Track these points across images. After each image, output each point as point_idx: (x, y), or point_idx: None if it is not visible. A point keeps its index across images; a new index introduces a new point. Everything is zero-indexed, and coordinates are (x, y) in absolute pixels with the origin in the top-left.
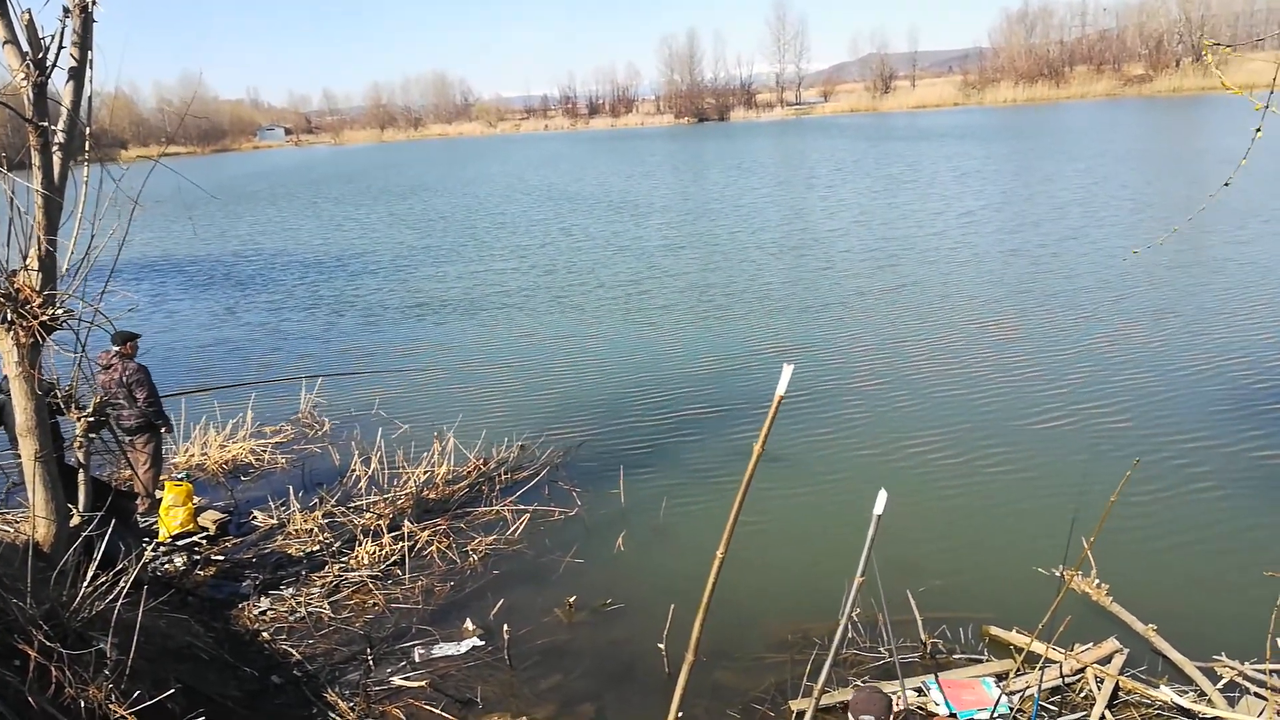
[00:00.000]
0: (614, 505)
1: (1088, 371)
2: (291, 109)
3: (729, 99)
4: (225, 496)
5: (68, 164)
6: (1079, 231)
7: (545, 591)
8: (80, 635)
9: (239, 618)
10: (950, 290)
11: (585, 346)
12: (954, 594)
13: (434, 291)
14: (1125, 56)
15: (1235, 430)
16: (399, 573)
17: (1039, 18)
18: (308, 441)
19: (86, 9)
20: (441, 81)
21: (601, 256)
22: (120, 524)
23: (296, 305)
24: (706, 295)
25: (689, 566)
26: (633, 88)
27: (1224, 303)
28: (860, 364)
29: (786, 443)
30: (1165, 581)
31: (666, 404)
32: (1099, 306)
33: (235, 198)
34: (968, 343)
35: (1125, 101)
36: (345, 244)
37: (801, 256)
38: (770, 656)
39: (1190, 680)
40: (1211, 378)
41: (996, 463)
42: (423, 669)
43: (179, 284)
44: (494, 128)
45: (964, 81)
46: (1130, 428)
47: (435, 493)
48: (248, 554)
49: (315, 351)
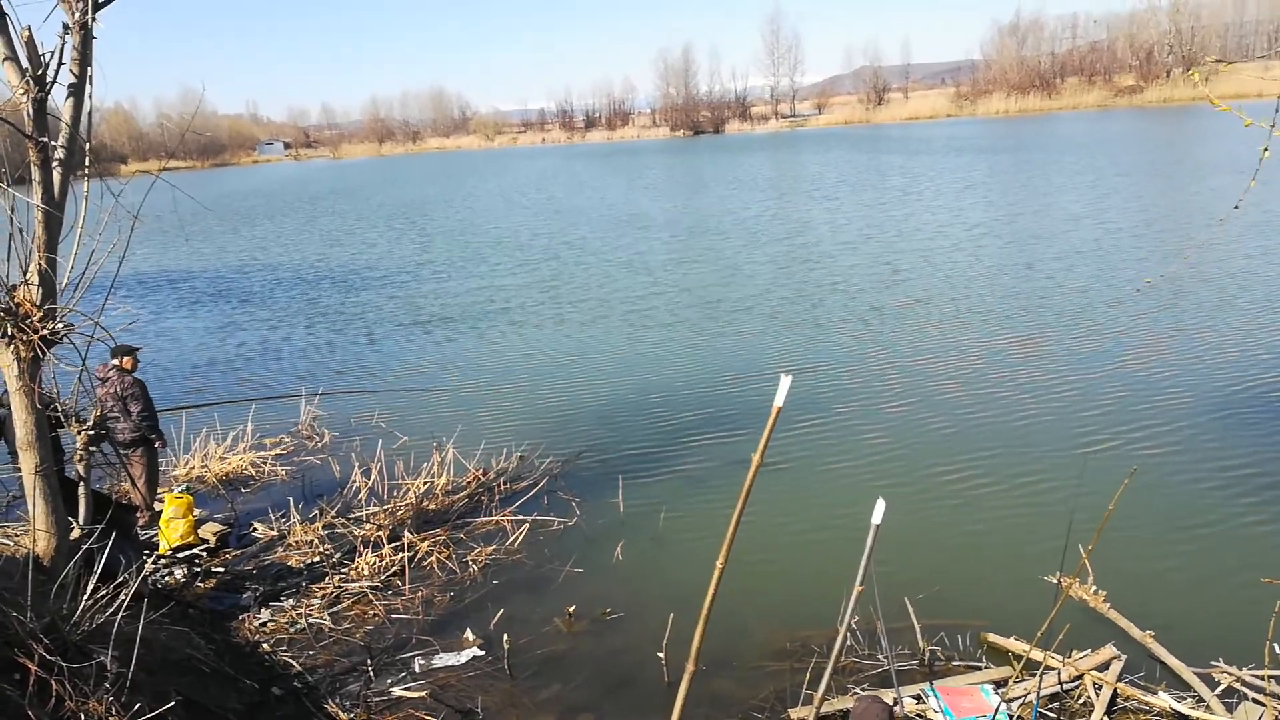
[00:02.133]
0: (613, 515)
1: (1084, 381)
2: (290, 123)
3: (724, 112)
4: (225, 509)
5: (68, 179)
6: (1082, 246)
7: (545, 601)
8: (80, 648)
9: (239, 630)
10: (947, 302)
11: (584, 357)
12: (952, 602)
13: (433, 305)
14: (1116, 68)
15: (1231, 438)
16: (399, 583)
17: (1030, 30)
18: (308, 453)
19: (86, 26)
20: (439, 96)
21: (600, 269)
22: (120, 537)
23: (296, 319)
24: (705, 306)
25: (688, 575)
26: (629, 101)
27: (1219, 312)
28: (858, 375)
29: (785, 453)
30: (1163, 588)
31: (665, 414)
32: (1095, 317)
33: (234, 213)
34: (964, 353)
35: (1117, 112)
36: (344, 259)
37: (799, 269)
38: (770, 665)
39: (1188, 686)
40: (1207, 386)
41: (994, 471)
42: (423, 679)
43: (179, 298)
44: (491, 141)
45: (956, 93)
46: (1126, 437)
47: (435, 503)
48: (248, 566)
49: (315, 365)
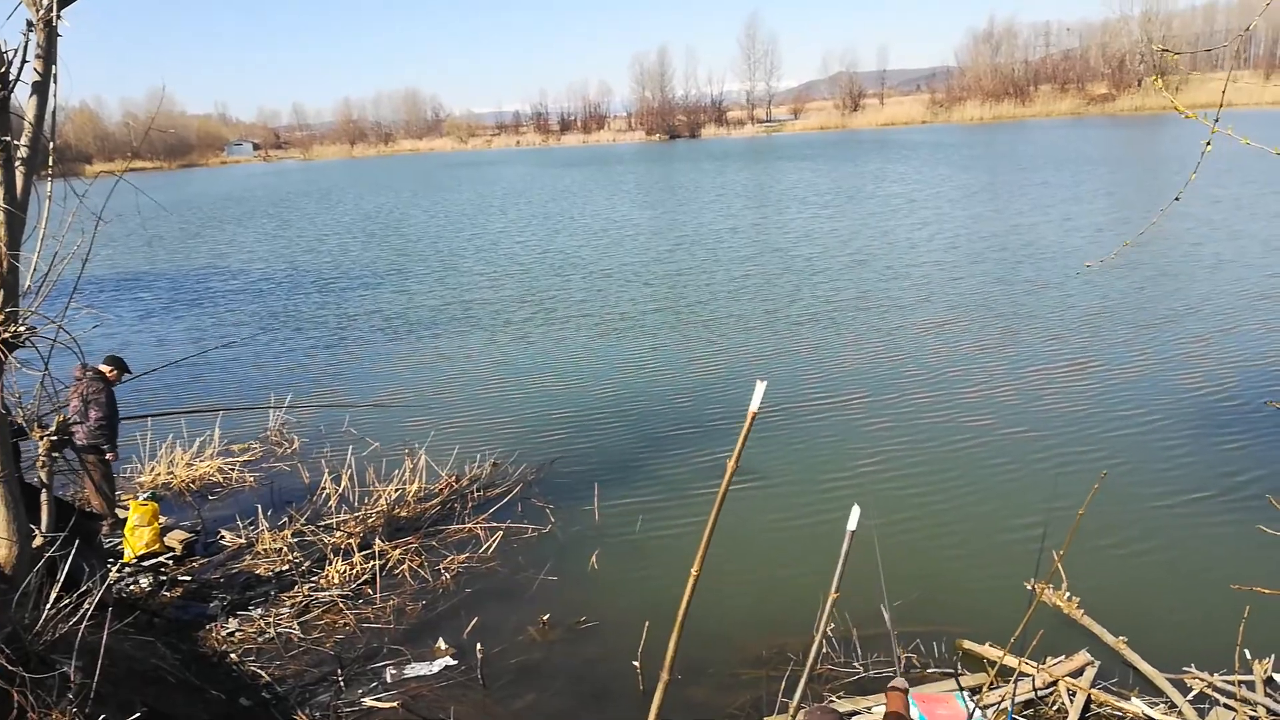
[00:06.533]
0: (588, 522)
1: (1056, 387)
2: (260, 124)
3: (700, 116)
4: (192, 516)
5: (30, 179)
6: (1054, 251)
7: (519, 610)
8: (43, 659)
9: (206, 639)
10: (922, 310)
11: (559, 363)
12: (928, 608)
13: (406, 311)
14: (1088, 76)
15: (1200, 443)
16: (370, 592)
17: (1004, 38)
18: (277, 459)
19: (50, 23)
20: (413, 97)
21: (576, 275)
22: (84, 545)
23: (267, 325)
24: (681, 313)
25: (664, 583)
26: (604, 104)
27: (1187, 319)
28: (833, 381)
29: (761, 459)
30: (1135, 594)
31: (641, 420)
32: (1067, 324)
33: (201, 215)
34: (939, 360)
35: (1090, 120)
36: (314, 265)
37: (775, 278)
38: (745, 673)
39: (1161, 692)
40: (1175, 391)
41: (968, 478)
42: (395, 689)
43: (145, 302)
44: (465, 144)
45: (931, 100)
46: (1098, 442)
47: (407, 510)
48: (215, 574)
49: (285, 370)
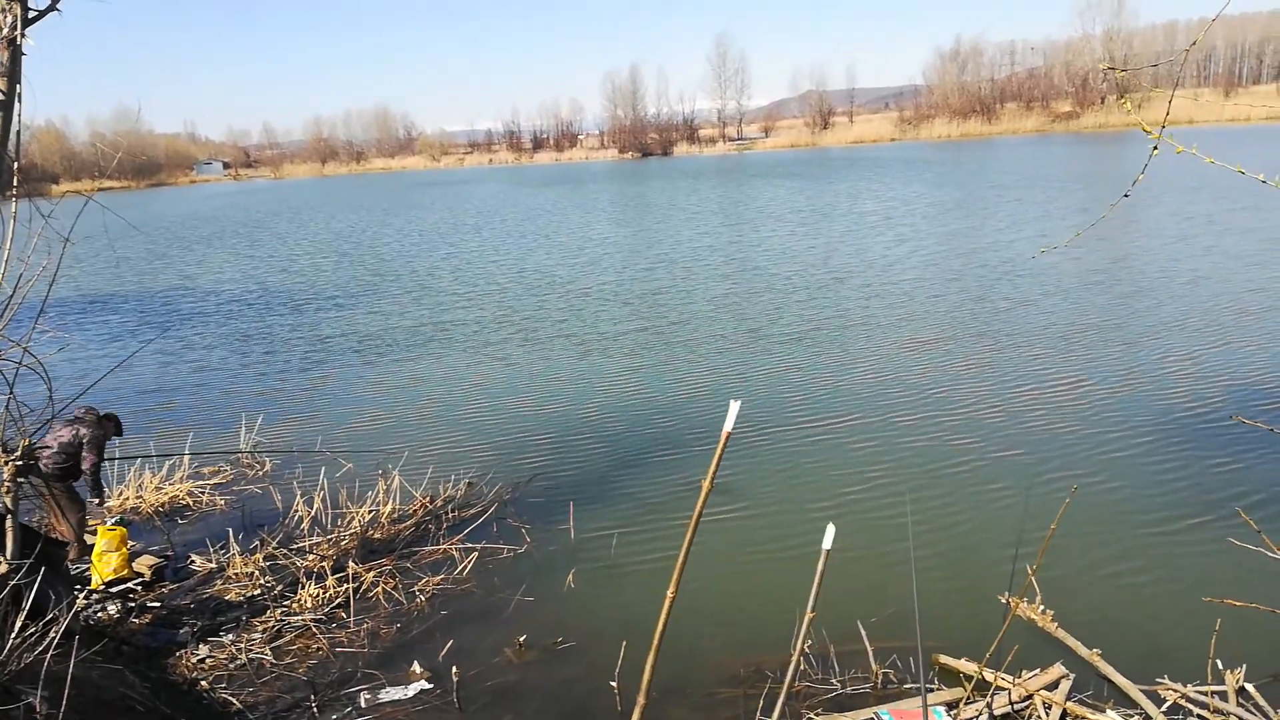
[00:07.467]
0: (564, 542)
1: (1031, 403)
2: (230, 143)
3: (672, 134)
4: (161, 540)
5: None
6: (1031, 270)
7: (495, 631)
8: (8, 689)
9: (176, 667)
10: (895, 328)
11: (533, 382)
12: (904, 624)
13: (380, 331)
14: (1053, 94)
15: (1171, 457)
16: (344, 616)
17: (970, 56)
18: (248, 482)
19: (15, 42)
20: (384, 115)
21: (550, 295)
22: (50, 572)
23: (237, 346)
24: (655, 333)
25: (641, 603)
26: (577, 122)
27: (1158, 335)
28: (806, 400)
29: (736, 478)
30: (1108, 606)
31: (616, 440)
32: (1036, 337)
33: (169, 236)
34: (912, 378)
35: (1055, 137)
36: (286, 285)
37: (749, 297)
38: (723, 691)
39: (1135, 703)
40: (1147, 404)
41: (942, 494)
42: (369, 714)
43: (114, 324)
44: (438, 162)
45: (900, 118)
46: (1071, 457)
47: (381, 532)
48: (185, 600)
49: (256, 392)
